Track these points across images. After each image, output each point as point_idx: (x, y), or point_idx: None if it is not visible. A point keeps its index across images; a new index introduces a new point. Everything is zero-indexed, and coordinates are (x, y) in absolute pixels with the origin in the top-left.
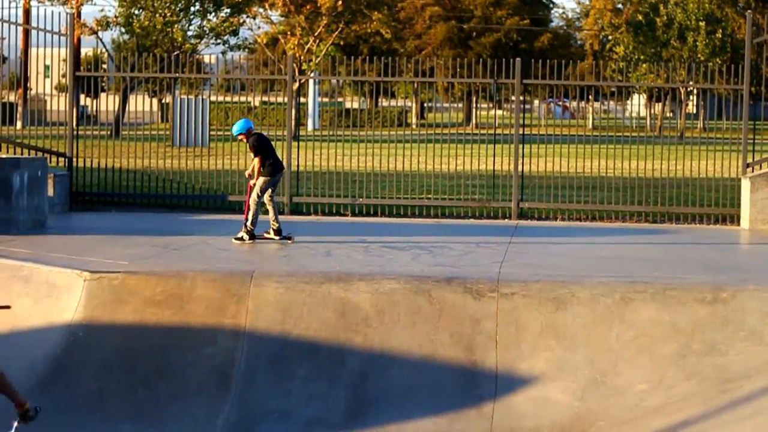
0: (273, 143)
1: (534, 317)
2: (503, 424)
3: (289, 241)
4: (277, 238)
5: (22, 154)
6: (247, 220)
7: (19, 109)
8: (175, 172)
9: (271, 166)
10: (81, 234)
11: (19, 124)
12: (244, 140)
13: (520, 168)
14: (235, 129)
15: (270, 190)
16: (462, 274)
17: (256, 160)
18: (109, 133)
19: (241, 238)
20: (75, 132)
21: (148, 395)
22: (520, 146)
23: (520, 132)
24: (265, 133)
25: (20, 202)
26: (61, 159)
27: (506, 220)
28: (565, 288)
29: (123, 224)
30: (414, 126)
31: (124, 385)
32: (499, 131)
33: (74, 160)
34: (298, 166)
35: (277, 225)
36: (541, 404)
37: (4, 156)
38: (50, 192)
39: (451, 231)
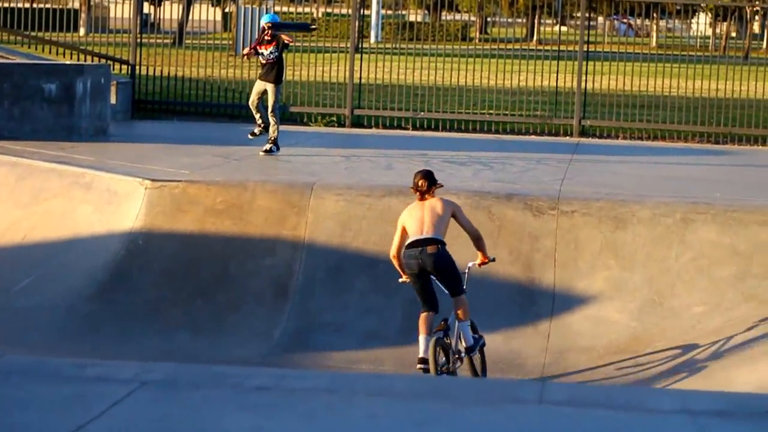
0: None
1: (593, 236)
2: (559, 342)
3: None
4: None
5: (85, 60)
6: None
7: (83, 15)
8: (237, 81)
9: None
10: (143, 142)
11: (82, 31)
12: (269, 32)
13: (582, 85)
14: (270, 16)
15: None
16: (522, 190)
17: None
18: (172, 41)
19: (270, 150)
20: (138, 40)
21: (207, 305)
22: (584, 63)
23: (584, 49)
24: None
25: (83, 109)
26: (124, 66)
27: (568, 137)
28: (626, 207)
29: (184, 133)
30: (476, 41)
31: (182, 294)
32: (562, 48)
33: (137, 67)
34: (360, 78)
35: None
36: (598, 324)
37: (67, 62)
38: (113, 99)
39: (512, 147)
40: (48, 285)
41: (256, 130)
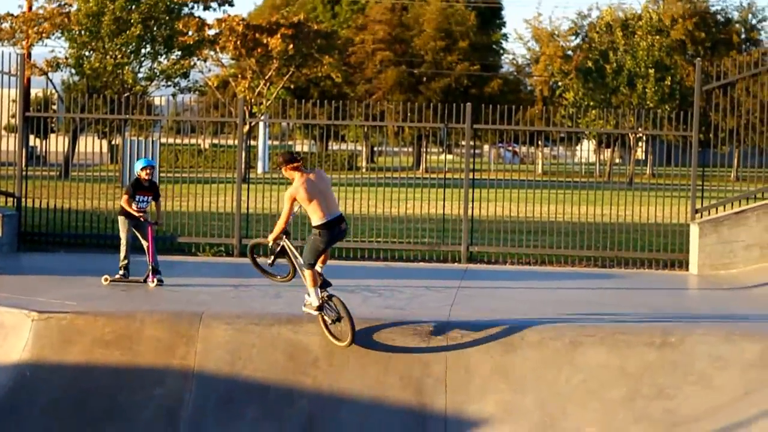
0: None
1: (483, 360)
2: None
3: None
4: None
5: None
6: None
7: None
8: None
9: None
10: (29, 274)
11: None
12: (149, 176)
13: (469, 212)
14: (146, 161)
15: None
16: (411, 317)
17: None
18: (58, 173)
19: (162, 281)
20: (24, 172)
21: None
22: (470, 190)
23: (470, 176)
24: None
25: None
26: (10, 199)
27: (456, 263)
28: (515, 331)
29: (72, 264)
30: (364, 169)
31: (71, 426)
32: (449, 175)
33: (23, 200)
34: (248, 208)
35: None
36: None
37: None
38: None
39: (400, 274)
40: None
41: (120, 273)
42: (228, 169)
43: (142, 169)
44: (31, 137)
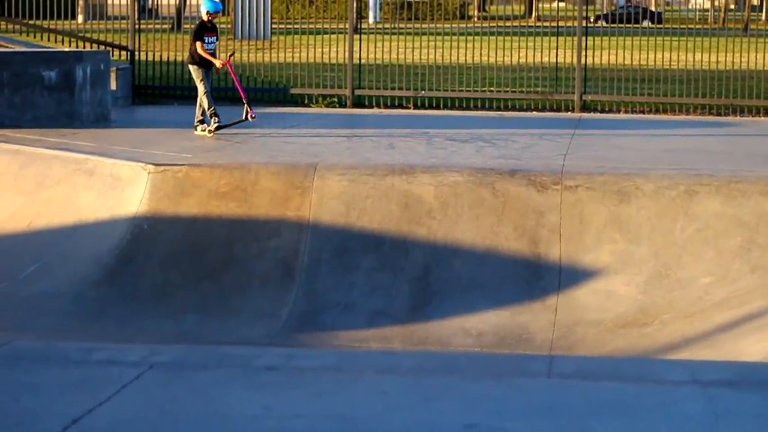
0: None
1: (598, 210)
2: (567, 316)
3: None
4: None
5: (84, 47)
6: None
7: (80, 3)
8: (236, 65)
9: None
10: (144, 127)
11: (80, 18)
12: (211, 17)
13: (582, 60)
14: (214, 5)
15: None
16: (525, 166)
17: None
18: (170, 26)
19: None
20: (136, 26)
21: (213, 287)
22: (583, 38)
23: (583, 24)
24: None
25: (83, 95)
26: (124, 52)
27: (569, 112)
28: (629, 181)
29: (185, 117)
30: (475, 18)
31: (189, 277)
32: (561, 24)
33: (136, 53)
34: (360, 59)
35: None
36: (605, 297)
37: (66, 50)
38: (113, 85)
39: (513, 123)
40: (54, 271)
41: (216, 121)
42: (339, 20)
43: (207, 14)
44: None
